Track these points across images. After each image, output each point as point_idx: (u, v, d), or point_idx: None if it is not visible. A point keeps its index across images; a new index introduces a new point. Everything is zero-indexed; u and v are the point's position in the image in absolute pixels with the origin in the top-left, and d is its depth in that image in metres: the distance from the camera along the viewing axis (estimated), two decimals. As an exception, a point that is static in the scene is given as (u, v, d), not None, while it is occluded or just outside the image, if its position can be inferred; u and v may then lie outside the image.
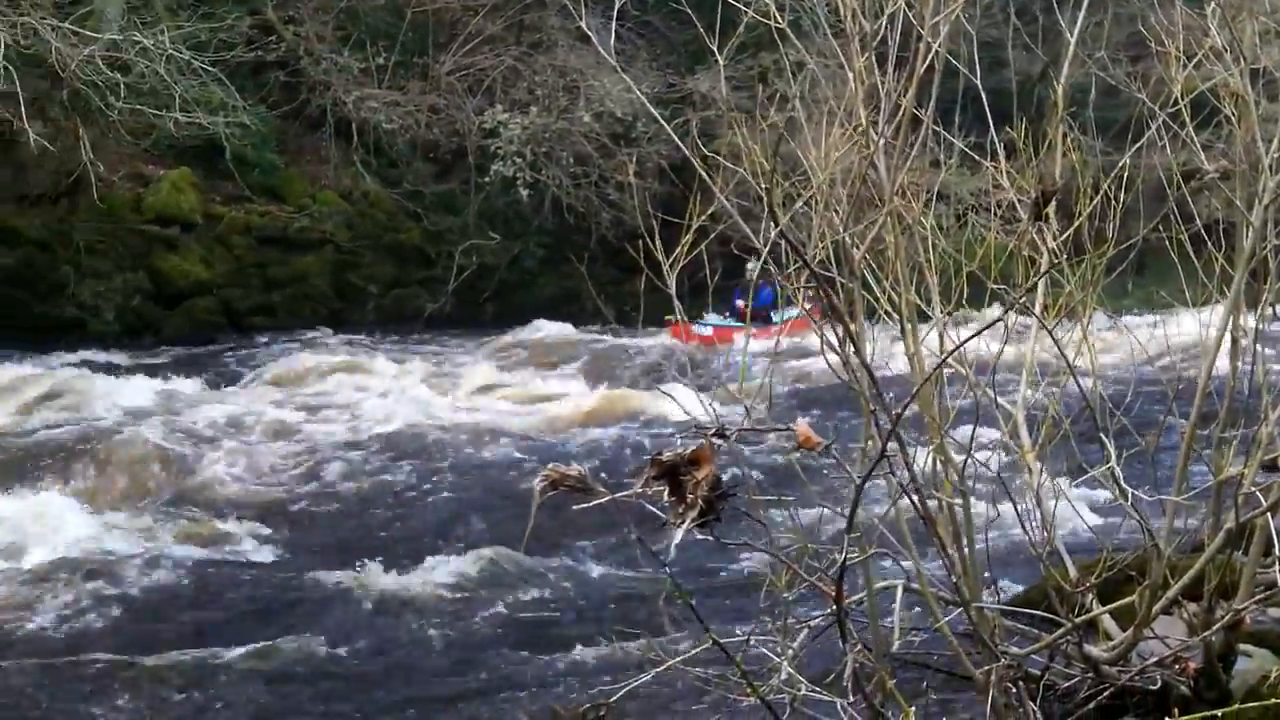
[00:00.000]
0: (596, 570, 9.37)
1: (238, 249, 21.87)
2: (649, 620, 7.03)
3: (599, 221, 23.99)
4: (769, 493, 4.53)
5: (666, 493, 3.30)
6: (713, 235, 4.40)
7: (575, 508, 3.52)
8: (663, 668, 4.01)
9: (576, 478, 3.42)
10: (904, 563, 4.28)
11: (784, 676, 4.01)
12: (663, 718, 5.73)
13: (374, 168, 24.06)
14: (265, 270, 22.05)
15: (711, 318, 19.88)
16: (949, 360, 4.04)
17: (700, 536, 3.32)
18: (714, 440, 3.30)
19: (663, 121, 4.89)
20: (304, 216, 22.68)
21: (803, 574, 3.82)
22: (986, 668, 4.07)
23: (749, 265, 18.29)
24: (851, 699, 3.73)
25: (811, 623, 4.31)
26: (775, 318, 18.27)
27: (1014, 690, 4.29)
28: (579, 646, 7.68)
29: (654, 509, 3.40)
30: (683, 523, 3.28)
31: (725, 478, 3.32)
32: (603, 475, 11.57)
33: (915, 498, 3.81)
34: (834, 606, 3.59)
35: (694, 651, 4.13)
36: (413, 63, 24.69)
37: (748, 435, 3.60)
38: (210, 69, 19.31)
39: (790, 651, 4.14)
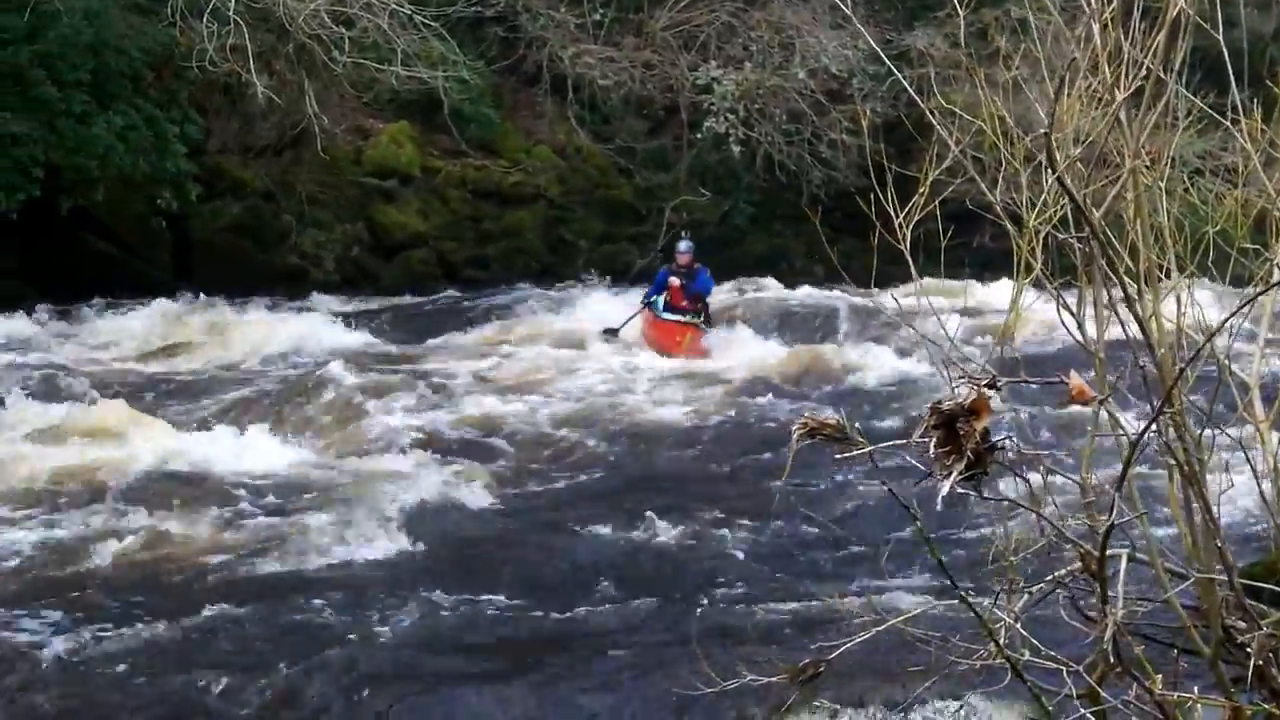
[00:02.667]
0: (813, 524, 9.32)
1: (453, 202, 22.24)
2: (868, 576, 6.99)
3: (810, 179, 23.77)
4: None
5: (935, 443, 3.20)
6: (947, 192, 4.30)
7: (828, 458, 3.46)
8: (883, 626, 3.95)
9: (835, 426, 3.36)
10: (1131, 531, 4.15)
11: (1003, 640, 3.92)
12: (878, 677, 5.69)
13: (587, 123, 24.20)
14: (479, 224, 22.39)
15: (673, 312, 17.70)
16: (1184, 328, 3.90)
17: (963, 491, 3.23)
18: (985, 391, 3.19)
19: (898, 73, 4.74)
20: (518, 171, 22.96)
21: (1066, 535, 3.72)
22: (1216, 642, 3.93)
23: (680, 244, 18.22)
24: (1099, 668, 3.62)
25: (1033, 588, 4.20)
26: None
27: (1243, 667, 4.13)
28: (796, 601, 7.66)
29: (911, 460, 3.32)
30: (949, 475, 3.17)
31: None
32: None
33: (1183, 458, 3.67)
34: (1078, 570, 3.49)
35: (915, 611, 4.06)
36: (628, 19, 24.71)
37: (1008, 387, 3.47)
38: (431, 24, 19.55)
39: (1013, 615, 4.04)
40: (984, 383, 3.28)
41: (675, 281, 17.65)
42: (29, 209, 17.54)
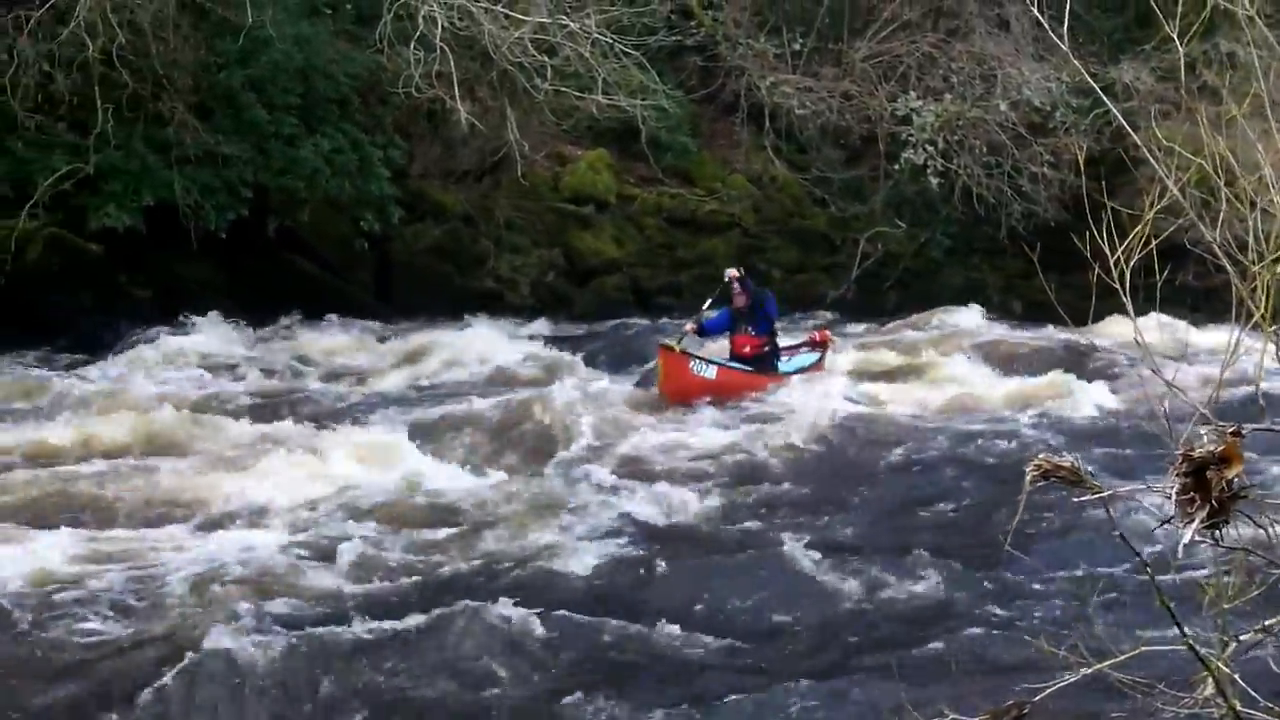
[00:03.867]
0: (1017, 563, 9.08)
1: (648, 229, 22.35)
2: (1073, 617, 6.76)
3: (1009, 213, 23.35)
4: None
5: (1178, 490, 3.07)
6: (1170, 230, 4.11)
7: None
8: (1090, 670, 3.79)
9: (1069, 469, 3.23)
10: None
11: (1209, 690, 3.72)
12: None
13: (784, 153, 24.15)
14: (673, 251, 22.46)
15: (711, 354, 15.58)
16: None
17: (1199, 540, 3.08)
18: (1236, 440, 3.04)
19: (1111, 106, 4.56)
20: (713, 199, 23.00)
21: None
22: None
23: (728, 270, 15.75)
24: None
25: (1242, 636, 3.98)
26: (784, 362, 15.91)
27: None
28: (1001, 640, 7.48)
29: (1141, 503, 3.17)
30: (1192, 522, 3.04)
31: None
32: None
33: None
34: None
35: (1123, 655, 3.88)
36: (827, 49, 24.62)
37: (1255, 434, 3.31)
38: (632, 53, 19.68)
39: (1227, 663, 3.84)
40: (1230, 430, 3.12)
41: (745, 331, 15.57)
42: (237, 228, 18.06)
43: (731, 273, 15.81)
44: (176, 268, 17.95)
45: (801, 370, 16.01)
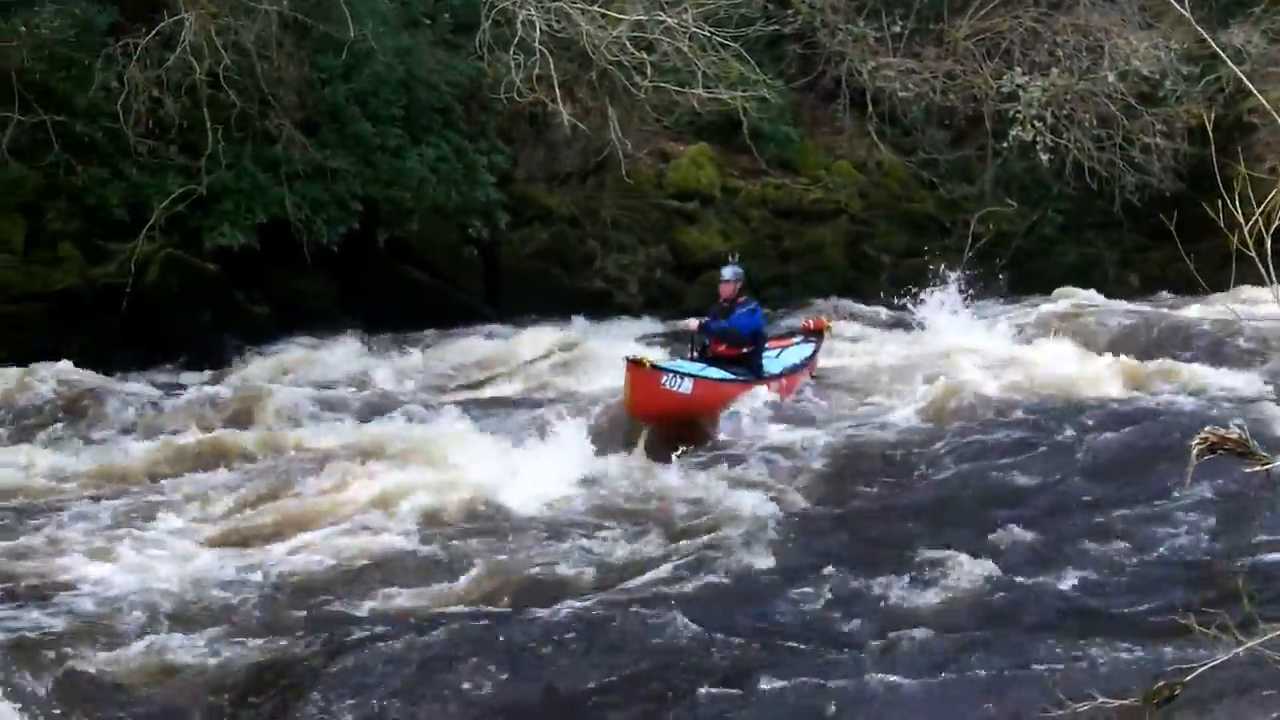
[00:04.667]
0: (1165, 540, 8.90)
1: (754, 221, 22.28)
2: (1225, 596, 6.60)
3: (1122, 185, 22.98)
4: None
5: None
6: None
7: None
8: (1242, 648, 3.69)
9: (1237, 441, 3.16)
10: None
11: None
12: (1237, 701, 5.34)
13: (888, 137, 23.96)
14: (780, 242, 22.36)
15: (685, 364, 13.83)
16: None
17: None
18: None
19: (1236, 69, 4.44)
20: (818, 188, 22.89)
21: None
22: None
23: (724, 271, 14.20)
24: None
25: None
26: (770, 363, 14.57)
27: None
28: (1151, 621, 7.33)
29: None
30: None
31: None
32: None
33: None
34: None
35: (1276, 633, 3.78)
36: (928, 29, 24.39)
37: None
38: (730, 44, 19.60)
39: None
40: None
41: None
42: (348, 241, 18.26)
43: (728, 278, 14.47)
44: (291, 283, 18.17)
45: (794, 370, 14.85)
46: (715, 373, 13.45)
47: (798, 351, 15.66)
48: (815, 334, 16.18)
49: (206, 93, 17.00)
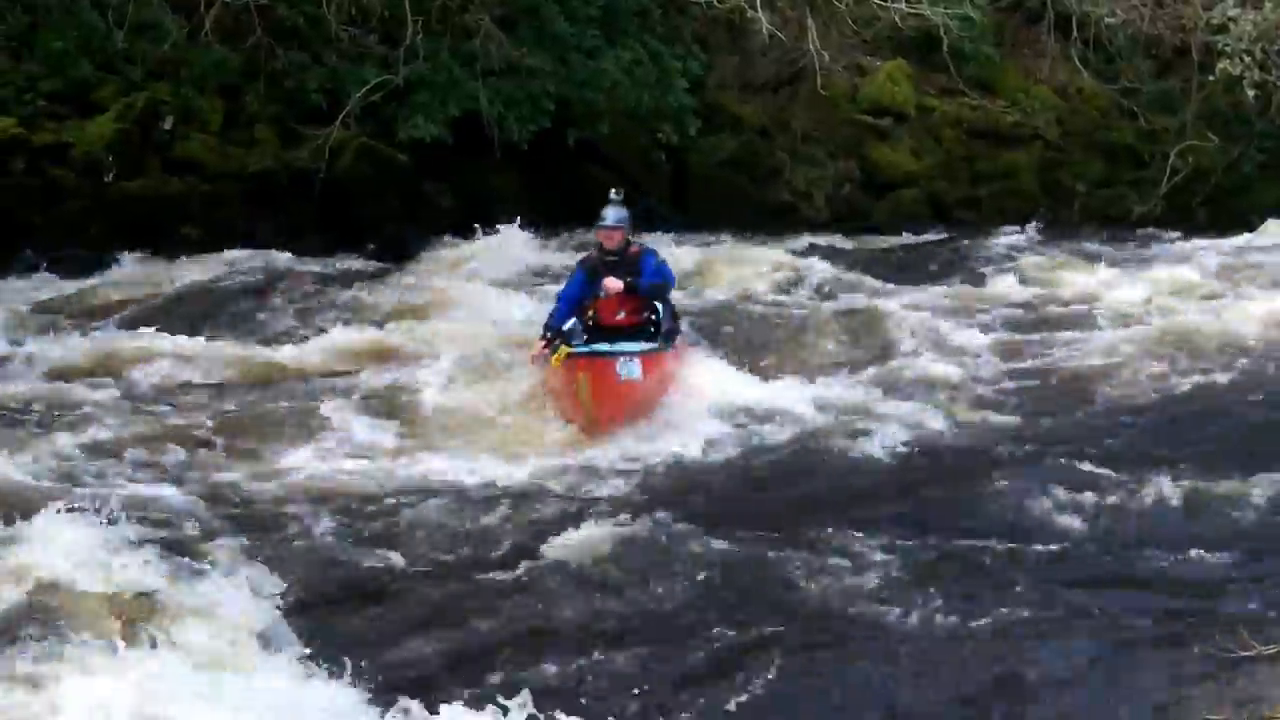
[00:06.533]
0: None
1: (947, 142, 21.80)
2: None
3: (1330, 126, 22.03)
4: None
5: None
6: None
7: None
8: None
9: None
10: None
11: None
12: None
13: (1090, 63, 23.19)
14: (973, 164, 21.85)
15: (599, 348, 10.52)
16: None
17: None
18: None
19: None
20: (1015, 111, 22.27)
21: None
22: None
23: (606, 212, 10.75)
24: None
25: None
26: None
27: None
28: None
29: None
30: None
31: None
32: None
33: None
34: None
35: None
36: (1140, -48, 23.50)
37: None
38: (936, -43, 19.11)
39: None
40: None
41: (611, 286, 10.63)
42: (538, 140, 18.28)
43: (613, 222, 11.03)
44: (480, 178, 18.25)
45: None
46: (645, 343, 10.57)
47: None
48: None
49: (409, -17, 17.06)
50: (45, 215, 15.92)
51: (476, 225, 17.08)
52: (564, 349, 9.78)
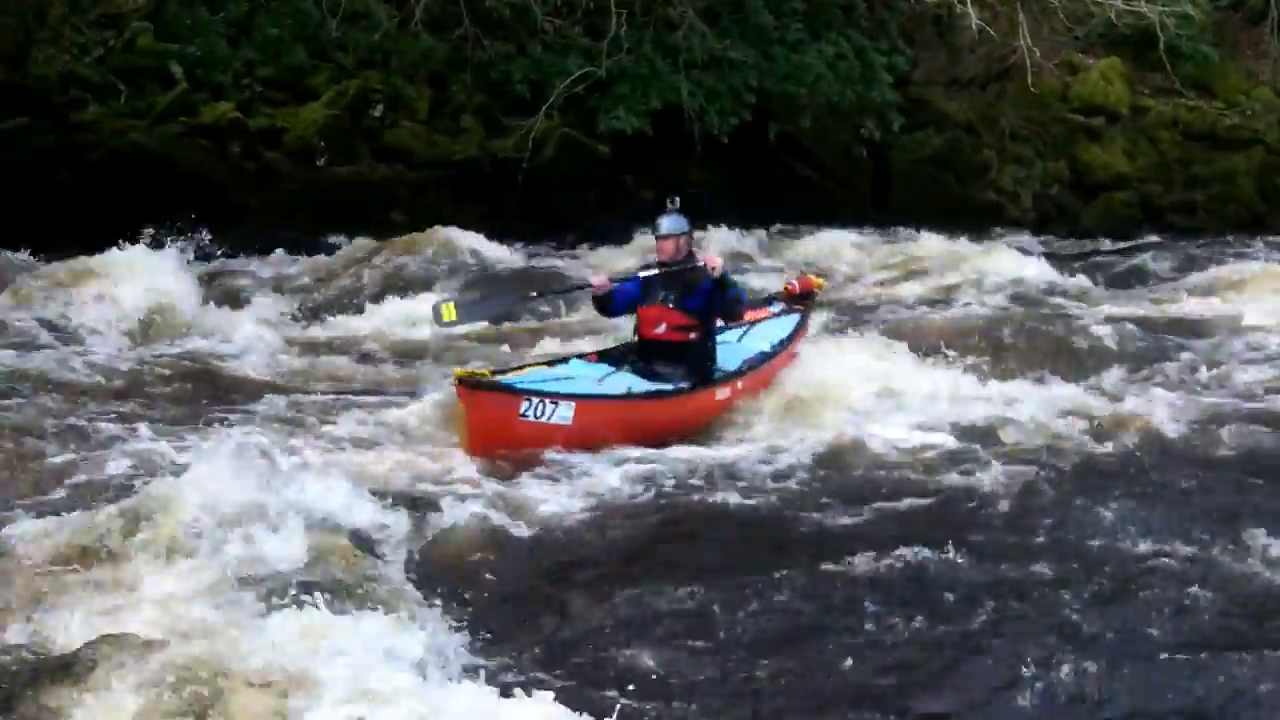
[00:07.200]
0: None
1: (1162, 143, 21.18)
2: None
3: None
4: None
5: None
6: None
7: None
8: None
9: None
10: None
11: None
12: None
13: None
14: (1189, 167, 21.18)
15: (573, 368, 9.25)
16: None
17: None
18: None
19: None
20: (1235, 113, 21.53)
21: None
22: None
23: (662, 219, 9.17)
24: None
25: None
26: (726, 352, 9.66)
27: None
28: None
29: None
30: None
31: None
32: None
33: None
34: None
35: None
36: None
37: None
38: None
39: None
40: None
41: (662, 300, 9.22)
42: (739, 133, 18.23)
43: (671, 231, 9.42)
44: (679, 171, 18.22)
45: (763, 361, 9.89)
46: (639, 386, 9.04)
47: (775, 327, 10.61)
48: (801, 299, 11.10)
49: (614, -25, 17.15)
50: (259, 198, 16.34)
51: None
52: (458, 371, 8.33)
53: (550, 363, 9.36)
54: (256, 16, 17.15)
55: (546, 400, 8.31)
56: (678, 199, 9.70)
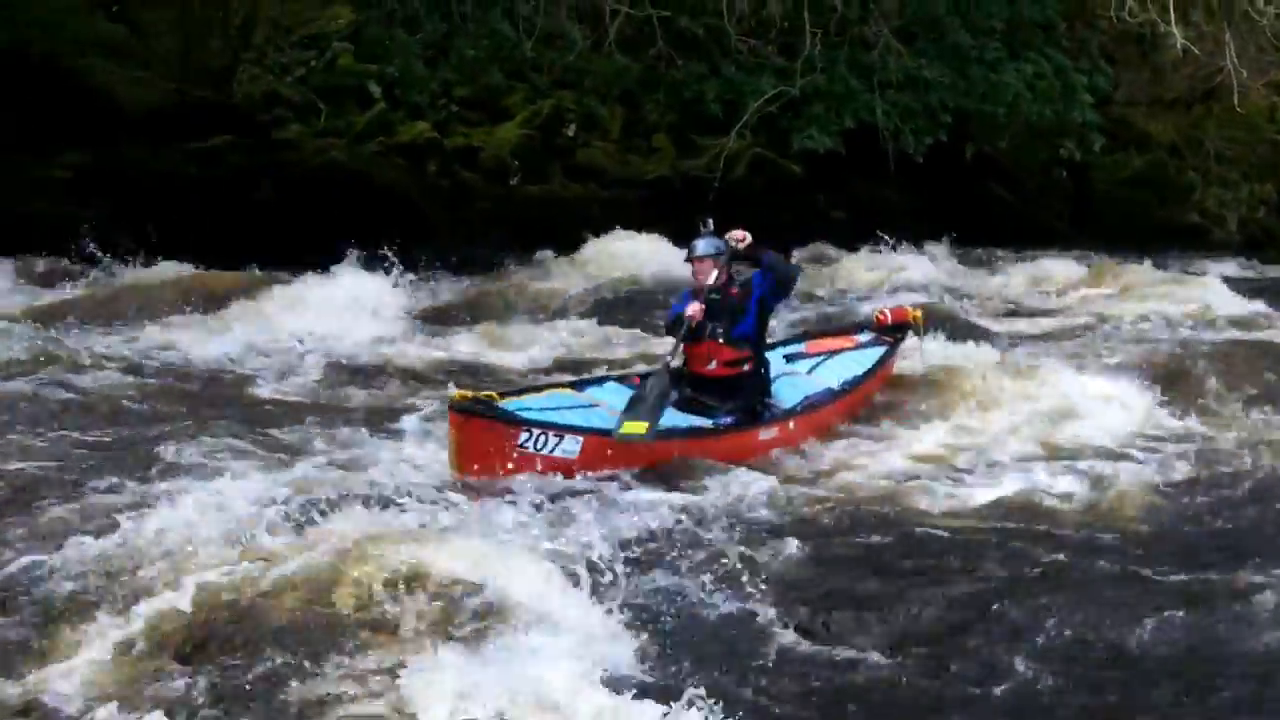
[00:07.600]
0: None
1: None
2: None
3: None
4: None
5: None
6: None
7: None
8: None
9: None
10: None
11: None
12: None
13: None
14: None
15: (607, 390, 8.38)
16: None
17: None
18: None
19: None
20: None
21: None
22: None
23: (698, 240, 8.31)
24: None
25: None
26: (786, 386, 8.73)
27: None
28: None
29: None
30: None
31: None
32: None
33: None
34: None
35: None
36: None
37: None
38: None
39: None
40: None
41: (708, 334, 8.26)
42: (934, 153, 17.96)
43: (705, 252, 8.40)
44: (873, 191, 18.06)
45: (829, 399, 8.81)
46: (676, 420, 8.06)
47: (852, 361, 9.49)
48: (896, 329, 9.96)
49: (809, -6, 17.03)
50: (453, 215, 16.52)
51: (868, 239, 16.82)
52: (456, 393, 7.68)
53: (576, 384, 8.53)
54: (454, 38, 17.36)
55: (550, 433, 7.59)
56: (710, 220, 8.88)
